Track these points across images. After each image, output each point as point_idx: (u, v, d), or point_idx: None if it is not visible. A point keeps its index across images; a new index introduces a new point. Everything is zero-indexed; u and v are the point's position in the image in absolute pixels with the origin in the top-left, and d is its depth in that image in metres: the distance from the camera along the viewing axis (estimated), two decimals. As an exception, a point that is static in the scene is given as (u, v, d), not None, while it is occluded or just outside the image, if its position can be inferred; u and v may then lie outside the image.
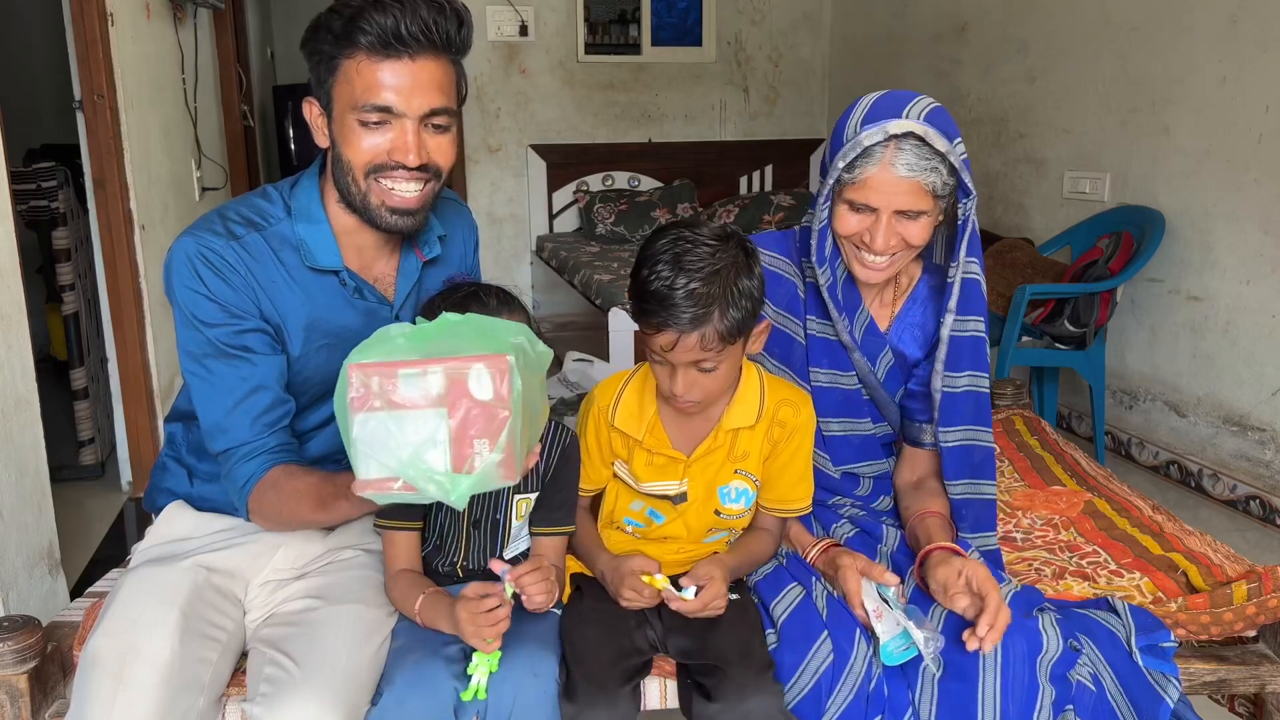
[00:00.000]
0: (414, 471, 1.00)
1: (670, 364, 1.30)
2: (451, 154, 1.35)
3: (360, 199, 1.32)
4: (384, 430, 1.00)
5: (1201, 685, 1.38)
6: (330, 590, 1.34)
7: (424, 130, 1.29)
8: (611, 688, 1.24)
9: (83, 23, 2.90)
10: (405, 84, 1.26)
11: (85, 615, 1.37)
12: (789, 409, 1.42)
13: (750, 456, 1.42)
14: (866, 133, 1.31)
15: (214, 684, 1.24)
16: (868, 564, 1.37)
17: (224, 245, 1.31)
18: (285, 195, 1.40)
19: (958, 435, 1.46)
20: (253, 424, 1.32)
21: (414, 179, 1.31)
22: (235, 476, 1.33)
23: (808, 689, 1.27)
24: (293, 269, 1.36)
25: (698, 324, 1.24)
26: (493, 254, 5.51)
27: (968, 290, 1.42)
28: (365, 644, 1.26)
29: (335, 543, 1.44)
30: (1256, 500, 3.01)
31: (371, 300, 1.42)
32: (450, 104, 1.31)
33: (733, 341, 1.28)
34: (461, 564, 1.40)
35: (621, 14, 5.59)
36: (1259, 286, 2.99)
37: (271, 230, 1.36)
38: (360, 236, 1.40)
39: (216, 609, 1.30)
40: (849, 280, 1.48)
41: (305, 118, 1.37)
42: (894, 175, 1.31)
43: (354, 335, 1.28)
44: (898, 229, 1.35)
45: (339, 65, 1.27)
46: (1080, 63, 3.69)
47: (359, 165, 1.30)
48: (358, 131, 1.28)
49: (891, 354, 1.51)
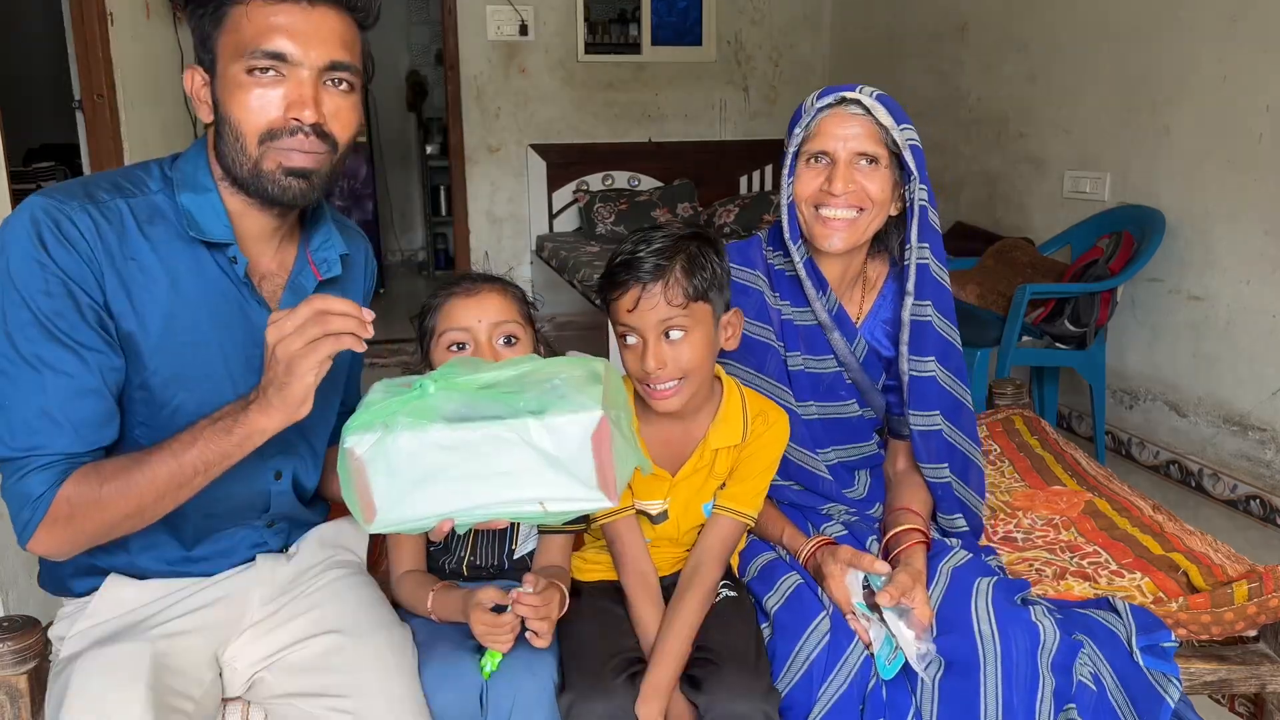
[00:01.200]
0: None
1: (640, 336, 1.31)
2: (353, 126, 1.19)
3: (250, 168, 1.15)
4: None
5: (1202, 685, 1.38)
6: (343, 623, 1.27)
7: (323, 87, 1.15)
8: (607, 677, 1.25)
9: (82, 23, 2.91)
10: (302, 29, 1.12)
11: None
12: (762, 422, 1.42)
13: (730, 470, 1.42)
14: (821, 100, 1.44)
15: None
16: (854, 555, 1.37)
17: (77, 209, 1.12)
18: (165, 167, 1.23)
19: (928, 420, 1.47)
20: (77, 432, 1.10)
21: (309, 145, 1.15)
22: (25, 488, 1.09)
23: (799, 675, 1.27)
24: (160, 245, 1.17)
25: (659, 275, 1.28)
26: (493, 254, 5.52)
27: (921, 275, 1.45)
28: (409, 665, 1.25)
29: (301, 564, 1.35)
30: (1257, 500, 3.01)
31: (249, 299, 1.23)
32: (354, 62, 1.17)
33: (699, 301, 1.30)
34: (469, 562, 1.40)
35: (621, 13, 5.59)
36: (1259, 286, 2.99)
37: (141, 199, 1.18)
38: (247, 221, 1.22)
39: (184, 676, 1.18)
40: (815, 266, 1.50)
41: (185, 91, 1.20)
42: (847, 113, 1.42)
43: (225, 332, 1.20)
44: (856, 176, 1.41)
45: (226, 14, 1.13)
46: (1080, 63, 3.69)
47: (250, 131, 1.13)
48: (246, 85, 1.12)
49: (865, 344, 1.54)
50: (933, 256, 1.45)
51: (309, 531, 1.39)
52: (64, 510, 1.09)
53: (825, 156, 1.43)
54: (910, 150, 1.41)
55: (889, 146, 1.42)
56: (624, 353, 1.35)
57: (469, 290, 1.37)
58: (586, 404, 1.04)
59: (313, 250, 1.30)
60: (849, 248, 1.45)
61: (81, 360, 1.10)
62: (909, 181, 1.43)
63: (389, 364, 4.80)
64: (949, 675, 1.25)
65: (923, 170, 1.43)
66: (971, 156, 4.41)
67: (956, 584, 1.34)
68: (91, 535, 1.13)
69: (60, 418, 1.09)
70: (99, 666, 1.13)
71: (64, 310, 1.09)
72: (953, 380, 1.48)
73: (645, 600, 1.36)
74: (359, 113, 1.20)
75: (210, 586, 1.28)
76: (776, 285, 1.54)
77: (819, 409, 1.55)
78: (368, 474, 1.05)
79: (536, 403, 1.04)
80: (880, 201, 1.43)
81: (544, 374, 1.09)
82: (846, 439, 1.58)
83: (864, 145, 1.41)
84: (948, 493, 1.50)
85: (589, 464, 1.04)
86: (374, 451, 1.04)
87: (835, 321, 1.51)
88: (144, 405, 1.18)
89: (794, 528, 1.50)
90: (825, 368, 1.54)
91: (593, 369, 1.11)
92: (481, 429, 1.03)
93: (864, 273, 1.56)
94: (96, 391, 1.12)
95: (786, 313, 1.53)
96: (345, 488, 1.07)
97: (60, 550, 1.14)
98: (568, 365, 1.12)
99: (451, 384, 1.06)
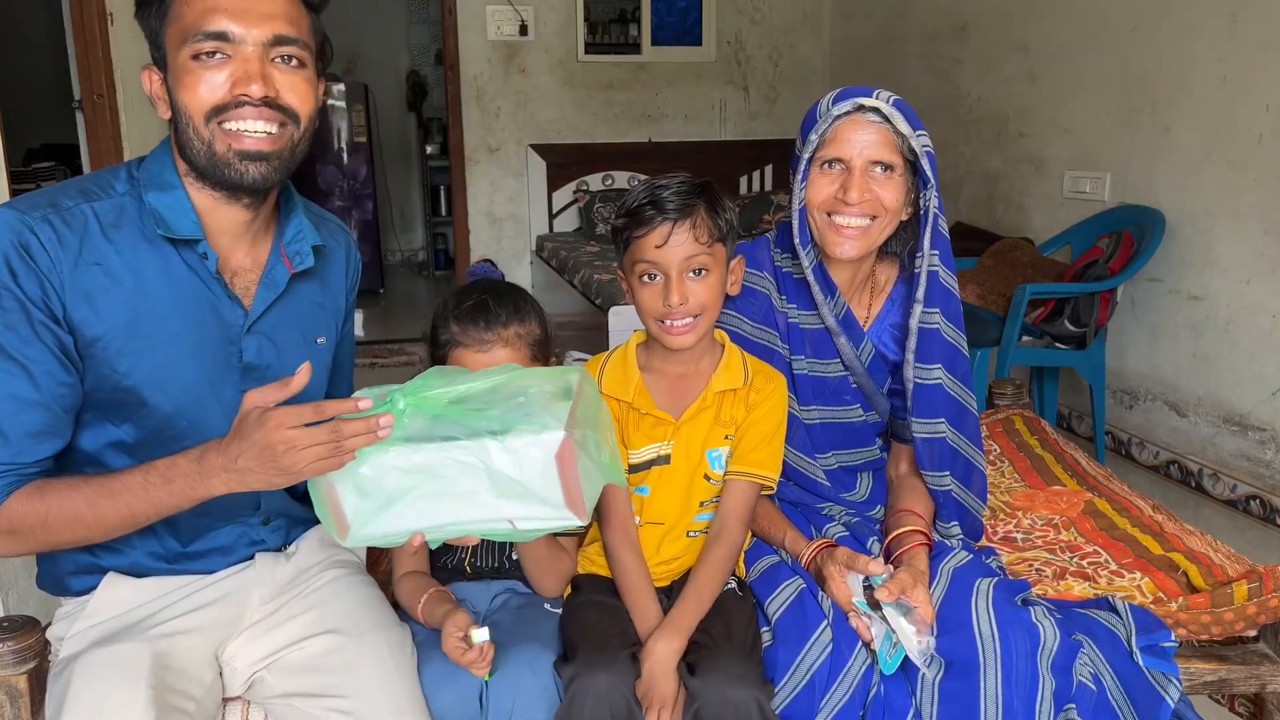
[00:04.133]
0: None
1: (664, 274, 1.34)
2: (309, 97, 1.18)
3: (205, 152, 1.14)
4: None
5: (1202, 685, 1.38)
6: (342, 623, 1.27)
7: (272, 65, 1.14)
8: (611, 650, 1.26)
9: (82, 23, 2.91)
10: (243, 6, 1.11)
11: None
12: (763, 378, 1.46)
13: (736, 421, 1.44)
14: (838, 106, 1.40)
15: None
16: (851, 556, 1.37)
17: (39, 220, 1.11)
18: (133, 169, 1.22)
19: (932, 428, 1.47)
20: (19, 443, 1.11)
21: (262, 116, 1.13)
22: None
23: (801, 686, 1.27)
24: (125, 248, 1.16)
25: (686, 212, 1.33)
26: (493, 254, 5.52)
27: (931, 282, 1.44)
28: (408, 665, 1.25)
29: (300, 563, 1.36)
30: (1257, 500, 3.01)
31: (220, 296, 1.22)
32: (302, 37, 1.16)
33: (720, 241, 1.36)
34: (469, 561, 1.40)
35: (621, 13, 5.60)
36: (1259, 286, 2.99)
37: (106, 202, 1.17)
38: (216, 216, 1.21)
39: (185, 675, 1.18)
40: (825, 270, 1.49)
41: (146, 93, 1.20)
42: (864, 119, 1.39)
43: (197, 331, 1.19)
44: (871, 185, 1.39)
45: (169, 6, 1.13)
46: (1080, 63, 3.69)
47: (197, 110, 1.13)
48: (193, 70, 1.12)
49: (872, 347, 1.53)
50: (942, 264, 1.44)
51: (308, 531, 1.39)
52: (4, 524, 1.11)
53: (840, 164, 1.41)
54: (926, 157, 1.39)
55: (904, 154, 1.41)
56: (641, 292, 1.38)
57: (481, 344, 1.34)
58: (549, 423, 1.02)
59: (285, 243, 1.29)
60: (861, 255, 1.44)
61: (29, 375, 1.11)
62: (925, 188, 1.41)
63: (389, 364, 4.80)
64: (949, 676, 1.25)
65: (935, 176, 1.41)
66: (971, 156, 4.41)
67: (957, 584, 1.34)
68: (35, 548, 1.16)
69: (5, 429, 1.10)
70: (100, 667, 1.13)
71: (16, 324, 1.10)
72: (959, 387, 1.48)
73: (630, 553, 1.38)
74: (315, 89, 1.19)
75: (209, 586, 1.28)
76: (784, 288, 1.54)
77: (821, 413, 1.55)
78: (337, 493, 1.06)
79: (500, 421, 1.03)
80: (894, 210, 1.42)
81: (516, 386, 1.08)
82: (849, 443, 1.58)
83: (880, 154, 1.39)
84: (948, 500, 1.50)
85: (554, 484, 1.03)
86: (341, 471, 1.05)
87: (843, 326, 1.51)
88: (121, 407, 1.19)
89: (795, 530, 1.50)
90: (830, 372, 1.54)
91: (566, 382, 1.10)
92: (441, 451, 1.03)
93: (873, 276, 1.55)
94: (42, 405, 1.12)
95: (793, 316, 1.53)
96: (318, 504, 1.08)
97: (6, 553, 1.16)
98: (541, 377, 1.11)
99: (421, 399, 1.06)
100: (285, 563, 1.34)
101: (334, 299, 1.38)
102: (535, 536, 1.11)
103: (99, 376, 1.17)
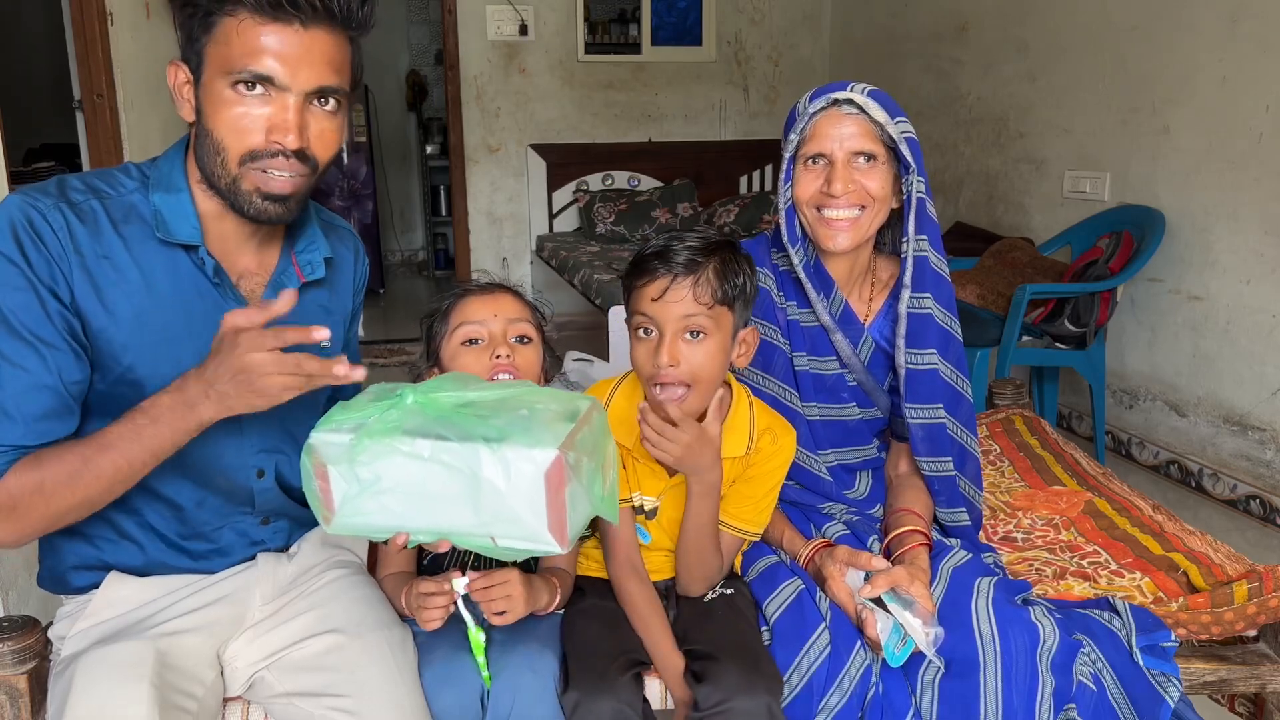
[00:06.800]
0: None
1: (658, 329, 1.29)
2: (335, 144, 1.19)
3: (228, 184, 1.15)
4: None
5: (1202, 685, 1.38)
6: (343, 623, 1.27)
7: (308, 109, 1.14)
8: (612, 675, 1.24)
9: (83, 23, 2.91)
10: (292, 53, 1.10)
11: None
12: (769, 438, 1.40)
13: (730, 479, 1.40)
14: (814, 103, 1.43)
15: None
16: (850, 554, 1.37)
17: (50, 207, 1.12)
18: (145, 168, 1.23)
19: (930, 413, 1.47)
20: (28, 425, 1.10)
21: (291, 167, 1.15)
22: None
23: (799, 688, 1.27)
24: (134, 244, 1.18)
25: (690, 269, 1.27)
26: (493, 254, 5.52)
27: (919, 267, 1.44)
28: (409, 665, 1.25)
29: (302, 563, 1.36)
30: (1257, 500, 3.01)
31: (229, 297, 1.22)
32: (343, 85, 1.16)
33: (723, 306, 1.28)
34: (461, 560, 1.40)
35: (621, 13, 5.60)
36: (1259, 286, 2.99)
37: (116, 199, 1.18)
38: (223, 224, 1.22)
39: (187, 674, 1.18)
40: (821, 266, 1.51)
41: (169, 85, 1.19)
42: (841, 112, 1.42)
43: (201, 330, 1.17)
44: (855, 175, 1.41)
45: (216, 23, 1.11)
46: (1080, 63, 3.69)
47: (233, 150, 1.13)
48: (230, 102, 1.12)
49: (872, 342, 1.53)
50: (931, 248, 1.45)
51: (310, 531, 1.39)
52: (4, 498, 1.09)
53: (822, 158, 1.43)
54: (906, 143, 1.41)
55: (885, 142, 1.42)
56: (636, 346, 1.32)
57: (485, 289, 1.43)
58: (545, 440, 1.00)
59: (297, 251, 1.30)
60: (854, 245, 1.45)
61: (40, 357, 1.11)
62: (907, 175, 1.43)
63: (389, 364, 4.80)
64: (948, 675, 1.25)
65: (919, 162, 1.43)
66: (971, 156, 4.41)
67: (956, 584, 1.34)
68: (36, 525, 1.13)
69: (13, 410, 1.10)
70: (103, 666, 1.13)
71: (29, 305, 1.10)
72: (954, 373, 1.48)
73: (636, 582, 1.35)
74: (343, 130, 1.21)
75: (211, 585, 1.28)
76: (782, 286, 1.55)
77: (821, 410, 1.55)
78: (329, 474, 1.05)
79: (499, 430, 1.02)
80: (881, 197, 1.43)
81: (524, 401, 1.07)
82: (844, 442, 1.58)
83: (860, 144, 1.41)
84: (950, 486, 1.50)
85: (540, 503, 1.01)
86: (336, 453, 1.04)
87: (841, 322, 1.51)
88: (122, 401, 1.18)
89: (794, 530, 1.50)
90: (828, 369, 1.54)
91: (575, 406, 1.08)
92: (435, 447, 1.01)
93: (874, 271, 1.56)
94: (52, 388, 1.12)
95: (792, 314, 1.53)
96: (306, 483, 1.07)
97: (8, 539, 1.13)
98: (551, 398, 1.09)
99: (429, 399, 1.05)
100: (287, 563, 1.34)
101: (341, 304, 1.39)
102: (515, 557, 1.08)
103: (102, 369, 1.17)
